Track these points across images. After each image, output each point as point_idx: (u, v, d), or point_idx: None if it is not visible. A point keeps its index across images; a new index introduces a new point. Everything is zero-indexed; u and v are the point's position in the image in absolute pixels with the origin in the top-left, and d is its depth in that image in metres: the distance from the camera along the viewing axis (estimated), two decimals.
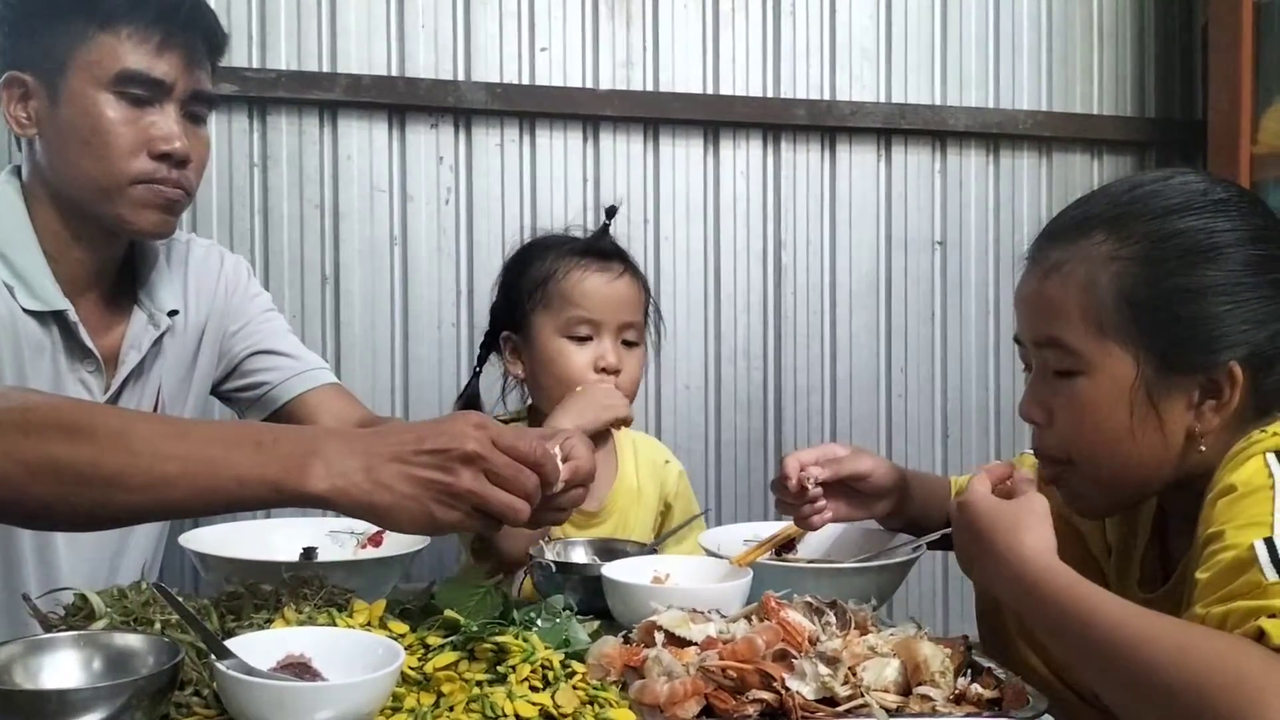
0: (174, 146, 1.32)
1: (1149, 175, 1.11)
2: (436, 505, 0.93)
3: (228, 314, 1.52)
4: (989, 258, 2.36)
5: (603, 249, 1.63)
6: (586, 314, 1.58)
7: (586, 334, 1.59)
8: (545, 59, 2.12)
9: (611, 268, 1.61)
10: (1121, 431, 1.05)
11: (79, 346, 1.36)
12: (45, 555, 1.37)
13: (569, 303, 1.59)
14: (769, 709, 0.88)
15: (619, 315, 1.60)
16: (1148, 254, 1.04)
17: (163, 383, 1.44)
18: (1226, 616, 0.84)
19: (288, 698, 0.79)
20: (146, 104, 1.33)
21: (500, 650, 0.92)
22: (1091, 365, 1.06)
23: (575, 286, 1.59)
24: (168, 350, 1.45)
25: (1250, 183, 2.17)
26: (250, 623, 0.98)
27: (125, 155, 1.31)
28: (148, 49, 1.31)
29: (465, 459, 0.93)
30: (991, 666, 0.96)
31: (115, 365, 1.39)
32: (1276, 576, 0.83)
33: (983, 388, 2.36)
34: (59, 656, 0.86)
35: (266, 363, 1.53)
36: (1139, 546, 1.20)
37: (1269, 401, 1.05)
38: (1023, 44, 2.35)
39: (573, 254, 1.61)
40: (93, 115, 1.31)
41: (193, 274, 1.50)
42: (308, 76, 2.01)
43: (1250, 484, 0.93)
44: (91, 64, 1.31)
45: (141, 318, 1.42)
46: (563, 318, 1.59)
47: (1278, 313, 1.04)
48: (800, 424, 2.27)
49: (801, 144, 2.26)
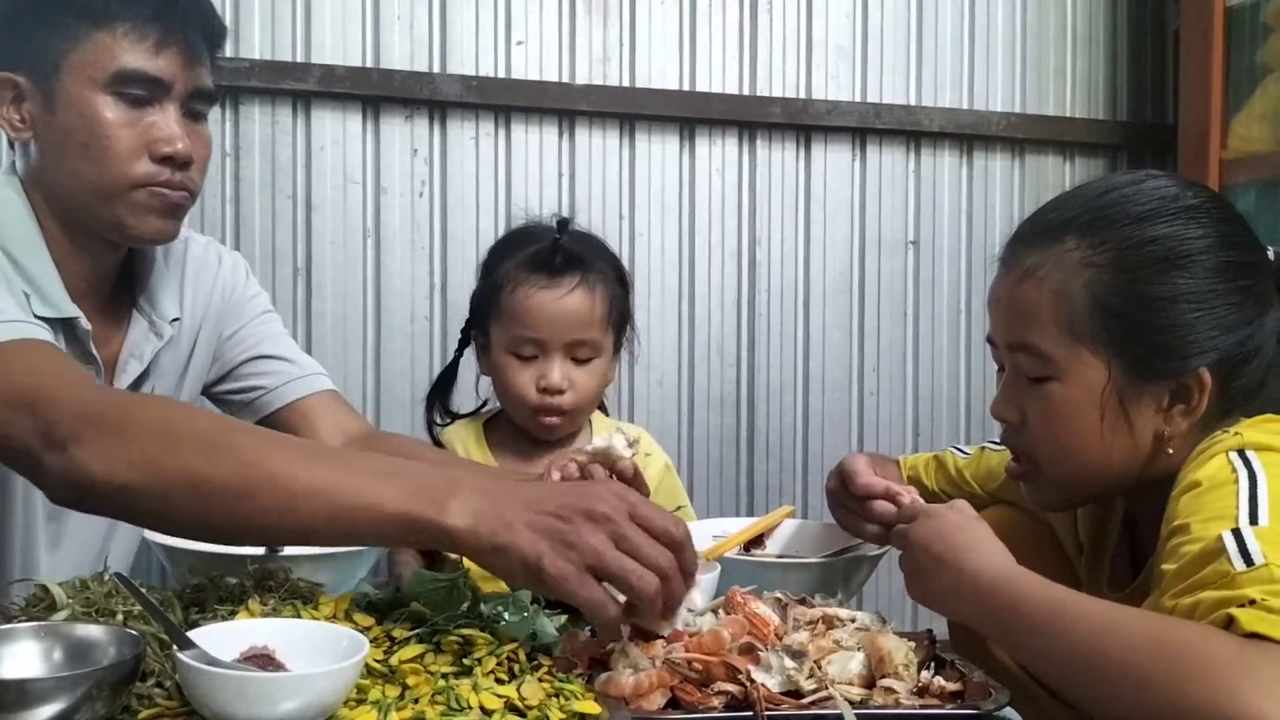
0: (176, 148, 1.26)
1: (1121, 179, 1.12)
2: (550, 552, 0.88)
3: (224, 316, 1.48)
4: (961, 258, 2.37)
5: (552, 264, 1.56)
6: (530, 333, 1.54)
7: (531, 353, 1.55)
8: (521, 52, 2.12)
9: (561, 283, 1.55)
10: (1091, 435, 1.06)
11: (84, 354, 1.30)
12: (29, 558, 1.35)
13: (515, 320, 1.55)
14: (734, 701, 0.89)
15: (566, 334, 1.55)
16: (1120, 261, 1.05)
17: (155, 388, 1.41)
18: (1195, 606, 0.85)
19: (249, 688, 0.78)
20: (146, 104, 1.26)
21: (466, 643, 0.92)
22: (1063, 370, 1.07)
23: (520, 304, 1.54)
24: (163, 357, 1.41)
25: (1220, 187, 2.20)
26: (214, 615, 0.98)
27: (126, 159, 1.25)
28: (145, 47, 1.25)
29: (591, 516, 0.89)
30: (955, 660, 0.96)
31: (114, 373, 1.35)
32: (1245, 566, 0.84)
33: (954, 387, 2.38)
34: (19, 647, 0.84)
35: (263, 367, 1.48)
36: (1109, 546, 1.21)
37: (1233, 403, 1.07)
38: (997, 46, 2.37)
39: (522, 266, 1.56)
40: (90, 118, 1.24)
41: (190, 274, 1.45)
42: (281, 66, 1.99)
43: (1214, 479, 0.95)
44: (87, 64, 1.24)
45: (142, 324, 1.38)
46: (509, 334, 1.56)
47: (1245, 318, 1.05)
48: (773, 421, 2.28)
49: (777, 142, 2.27)
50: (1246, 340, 1.05)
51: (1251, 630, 0.80)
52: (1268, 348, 1.07)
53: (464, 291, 1.69)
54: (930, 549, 1.02)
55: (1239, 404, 1.07)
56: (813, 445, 2.30)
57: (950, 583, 0.99)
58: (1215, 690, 0.78)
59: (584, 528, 0.89)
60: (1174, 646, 0.82)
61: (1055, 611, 0.91)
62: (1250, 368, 1.06)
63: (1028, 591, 0.94)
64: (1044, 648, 0.92)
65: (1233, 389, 1.06)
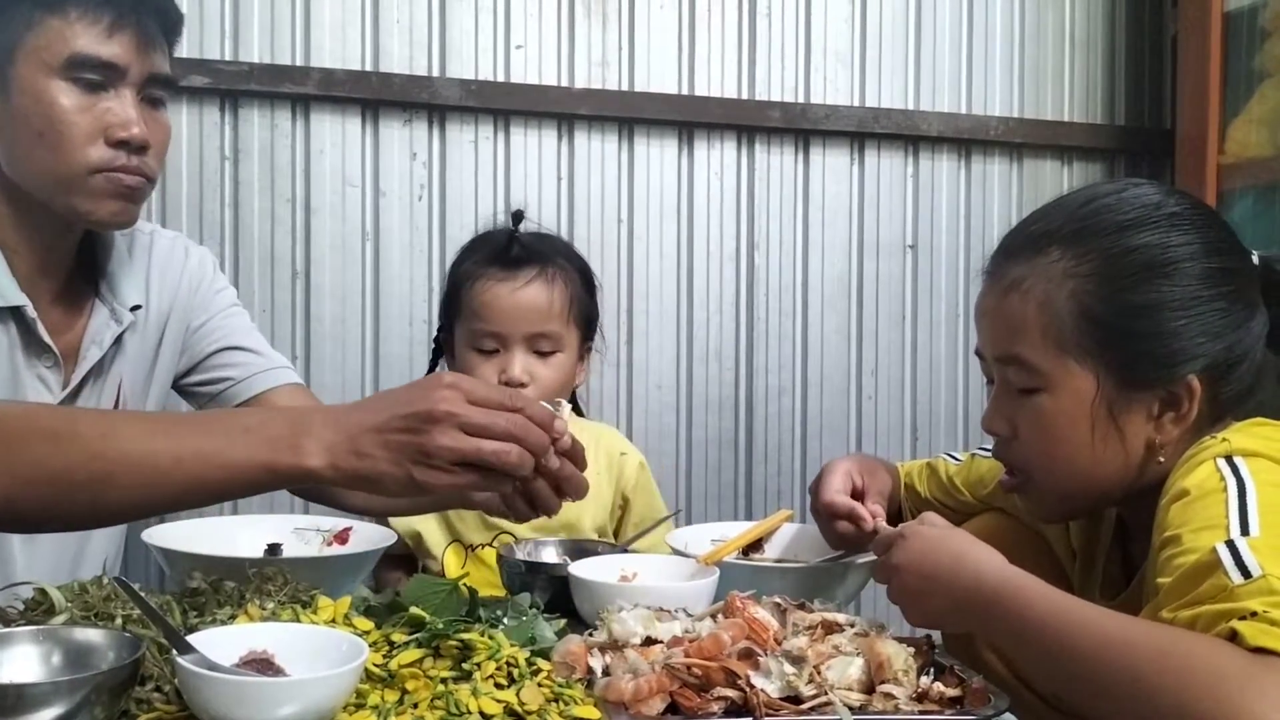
0: (131, 133, 1.27)
1: (1103, 189, 1.12)
2: (416, 468, 0.94)
3: (191, 308, 1.48)
4: (959, 262, 2.37)
5: (507, 257, 1.56)
6: (489, 327, 1.55)
7: (492, 347, 1.55)
8: (520, 56, 2.12)
9: (517, 276, 1.55)
10: (1083, 446, 1.06)
11: (36, 342, 1.32)
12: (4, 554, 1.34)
13: (474, 315, 1.56)
14: (734, 706, 0.89)
15: (524, 326, 1.55)
16: (1104, 271, 1.05)
17: (124, 378, 1.41)
18: (1195, 620, 0.85)
19: (248, 693, 0.79)
20: (100, 89, 1.27)
21: (465, 647, 0.92)
22: (1052, 382, 1.07)
23: (478, 297, 1.56)
24: (129, 346, 1.41)
25: (1218, 192, 2.20)
26: (213, 619, 0.98)
27: (81, 144, 1.26)
28: (97, 31, 1.25)
29: (433, 418, 0.94)
30: (954, 665, 0.96)
31: (75, 361, 1.36)
32: (1242, 578, 0.84)
33: (952, 391, 2.38)
34: (17, 651, 0.84)
35: (230, 359, 1.50)
36: (1101, 552, 1.21)
37: (1223, 409, 1.07)
38: (995, 51, 2.37)
39: (480, 262, 1.57)
40: (45, 104, 1.25)
41: (156, 266, 1.46)
42: (280, 70, 1.99)
43: (1203, 488, 0.94)
44: (40, 50, 1.25)
45: (103, 312, 1.38)
46: (469, 329, 1.56)
47: (1232, 324, 1.05)
48: (771, 425, 2.28)
49: (775, 146, 2.27)
50: (1234, 346, 1.05)
51: (1256, 645, 0.79)
52: (1255, 352, 1.07)
53: None
54: (920, 569, 1.00)
55: (1229, 410, 1.07)
56: (811, 449, 2.29)
57: (948, 599, 0.98)
58: (1220, 704, 0.78)
59: (433, 432, 0.93)
60: (1180, 658, 0.81)
61: (1060, 618, 0.90)
62: (1238, 373, 1.06)
63: (1030, 598, 0.93)
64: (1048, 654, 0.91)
65: (1222, 395, 1.06)
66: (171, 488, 0.95)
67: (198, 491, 0.98)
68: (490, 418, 0.95)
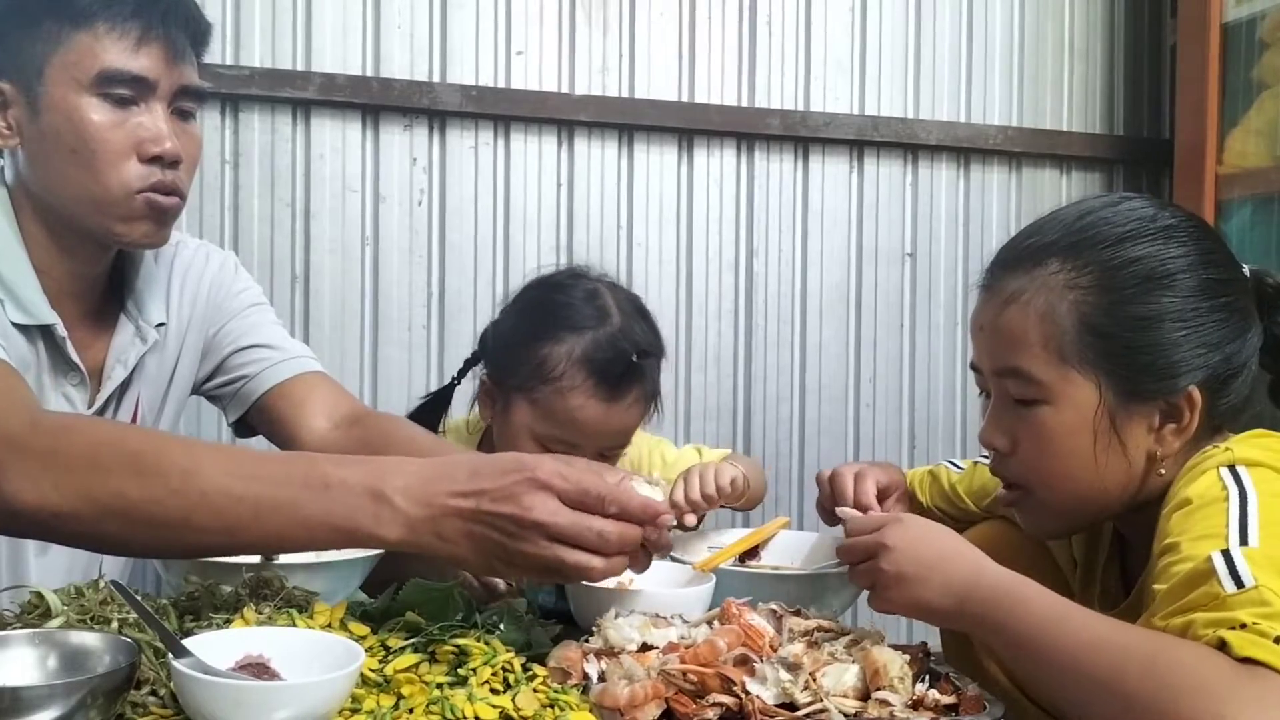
0: (164, 148, 1.25)
1: (1096, 202, 1.12)
2: (500, 565, 0.94)
3: (210, 315, 1.47)
4: (958, 271, 2.38)
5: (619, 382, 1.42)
6: (570, 439, 1.43)
7: (562, 450, 1.41)
8: (521, 62, 2.12)
9: (622, 399, 1.43)
10: (1085, 458, 1.06)
11: (65, 360, 1.30)
12: (16, 566, 1.34)
13: (556, 422, 1.43)
14: (729, 713, 0.89)
15: (605, 442, 1.46)
16: (1104, 282, 1.05)
17: (141, 394, 1.40)
18: (1187, 628, 0.85)
19: (244, 697, 0.79)
20: (131, 104, 1.25)
21: (461, 652, 0.92)
22: (1054, 394, 1.07)
23: (573, 412, 1.41)
24: (149, 363, 1.40)
25: (1216, 202, 2.21)
26: (209, 623, 0.98)
27: (114, 161, 1.24)
28: (126, 45, 1.24)
29: (522, 524, 0.91)
30: (949, 673, 0.96)
31: (100, 379, 1.35)
32: (1235, 588, 0.84)
33: (950, 399, 2.38)
34: (13, 654, 0.84)
35: (246, 358, 1.47)
36: (1100, 563, 1.21)
37: (1223, 420, 1.07)
38: (994, 60, 2.38)
39: (584, 369, 1.41)
40: (76, 121, 1.24)
41: (177, 277, 1.44)
42: (281, 74, 2.00)
43: (1205, 497, 0.95)
44: (69, 66, 1.24)
45: (128, 329, 1.37)
46: (543, 429, 1.44)
47: (1230, 335, 1.06)
48: (770, 432, 2.28)
49: (775, 153, 2.27)
50: (1232, 357, 1.06)
51: (1245, 655, 0.80)
52: (1252, 363, 1.08)
53: (462, 300, 1.68)
54: (915, 553, 0.99)
55: (1226, 422, 1.07)
56: (809, 456, 2.30)
57: (942, 589, 0.97)
58: (1204, 712, 0.78)
59: (520, 537, 0.92)
60: (1168, 665, 0.82)
61: (1055, 618, 0.90)
62: (1236, 384, 1.06)
63: (1027, 594, 0.93)
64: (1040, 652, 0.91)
65: (1220, 406, 1.06)
66: (247, 536, 0.96)
67: (274, 544, 1.00)
68: (578, 529, 0.92)
